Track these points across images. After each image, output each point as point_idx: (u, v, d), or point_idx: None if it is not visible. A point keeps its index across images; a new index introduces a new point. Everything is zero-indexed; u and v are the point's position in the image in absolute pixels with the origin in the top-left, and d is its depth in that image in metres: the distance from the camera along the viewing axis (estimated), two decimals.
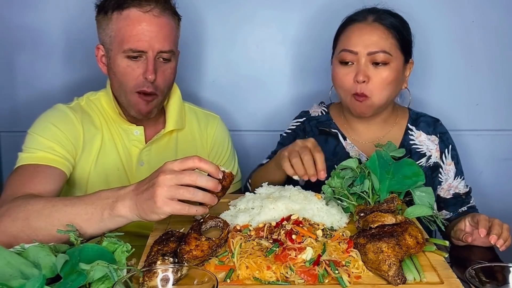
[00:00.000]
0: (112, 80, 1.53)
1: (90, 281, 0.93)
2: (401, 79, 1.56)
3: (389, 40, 1.50)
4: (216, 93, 2.13)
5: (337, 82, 1.56)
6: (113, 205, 1.12)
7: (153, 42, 1.44)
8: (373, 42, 1.49)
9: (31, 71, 2.08)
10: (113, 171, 1.56)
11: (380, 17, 1.53)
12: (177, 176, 1.07)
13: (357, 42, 1.50)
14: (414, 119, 1.66)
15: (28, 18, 2.03)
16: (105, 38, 1.49)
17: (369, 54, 1.48)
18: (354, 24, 1.54)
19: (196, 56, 2.10)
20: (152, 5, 1.44)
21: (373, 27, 1.51)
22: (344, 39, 1.54)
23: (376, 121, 1.63)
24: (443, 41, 2.04)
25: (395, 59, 1.51)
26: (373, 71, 1.49)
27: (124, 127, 1.57)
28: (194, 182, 1.07)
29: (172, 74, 1.54)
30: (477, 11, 2.04)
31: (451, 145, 1.64)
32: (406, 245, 1.03)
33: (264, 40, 2.10)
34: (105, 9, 1.47)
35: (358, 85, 1.50)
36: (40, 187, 1.35)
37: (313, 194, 1.30)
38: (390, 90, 1.52)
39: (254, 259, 1.01)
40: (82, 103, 1.59)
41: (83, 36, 2.01)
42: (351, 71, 1.51)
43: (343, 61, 1.52)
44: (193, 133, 1.70)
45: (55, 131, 1.47)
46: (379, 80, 1.49)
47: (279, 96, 2.16)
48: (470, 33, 2.06)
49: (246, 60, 2.12)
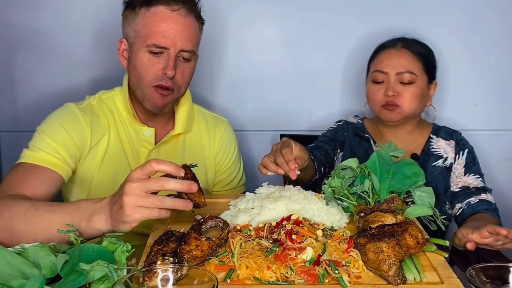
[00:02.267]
0: (130, 74, 1.54)
1: (90, 281, 0.93)
2: (425, 97, 1.77)
3: (415, 63, 1.73)
4: (216, 93, 2.14)
5: (370, 96, 1.78)
6: (89, 217, 1.13)
7: (176, 40, 1.46)
8: (401, 64, 1.72)
9: (31, 71, 2.08)
10: (121, 171, 1.56)
11: (408, 44, 1.76)
12: (144, 183, 1.07)
13: (387, 64, 1.74)
14: (436, 130, 1.84)
15: (28, 18, 2.03)
16: (130, 32, 1.51)
17: (397, 74, 1.72)
18: (385, 50, 1.78)
19: (202, 58, 2.11)
20: (180, 5, 1.47)
21: (401, 52, 1.75)
22: (376, 62, 1.78)
23: (403, 131, 1.81)
24: (443, 41, 2.03)
25: (419, 79, 1.72)
26: (401, 88, 1.72)
27: (135, 127, 1.58)
28: (162, 187, 1.07)
29: (190, 74, 1.55)
30: (477, 11, 2.04)
31: (468, 149, 1.78)
32: (406, 245, 1.03)
33: (264, 40, 2.10)
34: (133, 5, 1.49)
35: (387, 98, 1.72)
36: (33, 189, 1.36)
37: (313, 194, 1.30)
38: (417, 103, 1.74)
39: (254, 259, 1.01)
40: (93, 103, 1.59)
41: (83, 36, 2.02)
42: (382, 88, 1.74)
43: (375, 81, 1.76)
44: (200, 135, 1.71)
45: (62, 132, 1.48)
46: (407, 94, 1.72)
47: (279, 96, 2.16)
48: (470, 33, 2.06)
49: (246, 60, 2.12)
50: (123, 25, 1.54)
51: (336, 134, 1.89)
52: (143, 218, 1.07)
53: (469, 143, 1.82)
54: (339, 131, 1.90)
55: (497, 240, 1.32)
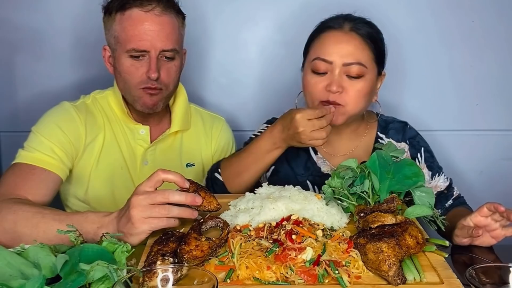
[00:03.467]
0: (117, 79, 1.54)
1: (90, 281, 0.93)
2: (373, 92, 1.52)
3: (365, 51, 1.45)
4: (216, 93, 2.13)
5: (308, 89, 1.49)
6: (97, 231, 1.15)
7: (155, 41, 1.45)
8: (349, 52, 1.43)
9: (31, 71, 2.07)
10: (117, 170, 1.56)
11: (357, 26, 1.47)
12: (149, 195, 1.11)
13: (332, 51, 1.44)
14: (383, 126, 1.62)
15: (28, 18, 2.02)
16: (110, 39, 1.51)
17: (344, 65, 1.43)
18: (330, 32, 1.48)
19: (197, 56, 2.10)
20: (154, 4, 1.45)
21: (349, 37, 1.45)
22: (318, 47, 1.48)
23: (346, 131, 1.59)
24: (443, 41, 2.04)
25: (369, 71, 1.46)
26: (347, 82, 1.44)
27: (130, 126, 1.58)
28: (166, 199, 1.11)
29: (176, 72, 1.54)
30: (477, 11, 2.04)
31: (423, 147, 1.60)
32: (406, 245, 1.03)
33: (264, 40, 2.10)
34: (110, 10, 1.48)
35: (331, 94, 1.44)
36: (32, 191, 1.37)
37: (313, 194, 1.30)
38: (364, 102, 1.48)
39: (254, 259, 1.01)
40: (88, 102, 1.60)
41: (83, 36, 2.01)
42: (324, 80, 1.45)
43: (316, 71, 1.46)
44: (197, 134, 1.71)
45: (57, 131, 1.48)
46: (354, 92, 1.44)
47: (279, 96, 2.16)
48: (470, 33, 2.06)
49: (246, 60, 2.12)
50: (104, 31, 1.53)
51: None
52: (152, 228, 1.11)
53: (420, 137, 1.62)
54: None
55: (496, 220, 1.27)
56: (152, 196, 1.10)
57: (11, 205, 1.25)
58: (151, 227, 1.11)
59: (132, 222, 1.09)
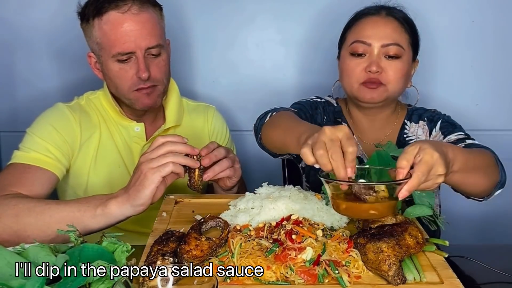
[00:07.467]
0: (108, 84, 1.54)
1: (90, 281, 0.93)
2: (409, 76, 1.55)
3: (402, 34, 1.49)
4: (216, 93, 2.13)
5: (348, 72, 1.50)
6: (106, 202, 1.20)
7: (138, 40, 1.43)
8: (387, 34, 1.47)
9: (31, 71, 2.08)
10: (115, 168, 1.56)
11: (393, 11, 1.52)
12: (153, 150, 1.21)
13: (371, 34, 1.47)
14: (410, 114, 1.64)
15: (27, 18, 2.03)
16: (93, 46, 1.49)
17: (383, 46, 1.46)
18: (367, 17, 1.51)
19: (197, 56, 2.10)
20: (129, 4, 1.43)
21: (387, 20, 1.49)
22: (356, 31, 1.51)
23: (380, 117, 1.60)
24: (443, 42, 2.04)
25: (406, 53, 1.49)
26: (386, 62, 1.47)
27: (124, 124, 1.58)
28: (169, 150, 1.21)
29: (166, 66, 1.53)
30: (477, 11, 2.04)
31: (441, 119, 1.58)
32: (406, 245, 1.03)
33: (264, 40, 2.10)
34: (87, 17, 1.46)
35: (370, 74, 1.46)
36: (27, 188, 1.36)
37: (313, 194, 1.30)
38: (402, 82, 1.50)
39: (254, 259, 1.01)
40: (82, 102, 1.60)
41: (82, 35, 2.01)
42: (363, 62, 1.48)
43: (355, 53, 1.48)
44: (192, 126, 1.71)
45: (52, 132, 1.48)
46: (394, 71, 1.47)
47: (279, 96, 2.16)
48: (470, 33, 2.06)
49: (246, 60, 2.12)
50: (86, 38, 1.51)
51: (316, 111, 1.60)
52: (162, 174, 1.18)
53: (443, 114, 1.60)
54: (319, 108, 1.62)
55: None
56: (156, 150, 1.21)
57: (9, 200, 1.25)
58: (161, 174, 1.18)
59: (145, 175, 1.18)
